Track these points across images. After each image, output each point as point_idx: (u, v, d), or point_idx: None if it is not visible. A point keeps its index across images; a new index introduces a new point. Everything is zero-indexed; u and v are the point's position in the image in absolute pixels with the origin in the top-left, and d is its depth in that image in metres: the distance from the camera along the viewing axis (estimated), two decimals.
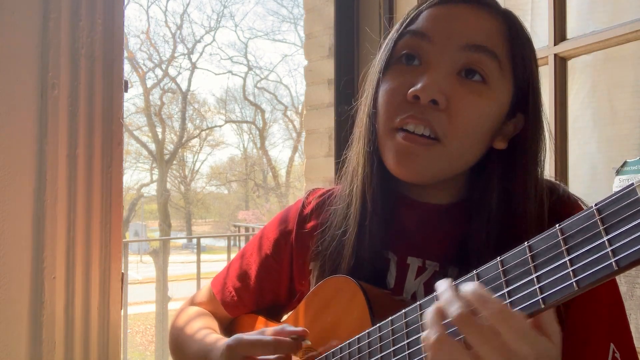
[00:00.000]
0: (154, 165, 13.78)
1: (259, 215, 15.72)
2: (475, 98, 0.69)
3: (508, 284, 0.50)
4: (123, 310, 1.01)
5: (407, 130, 0.69)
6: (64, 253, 0.81)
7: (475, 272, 0.54)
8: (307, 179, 2.07)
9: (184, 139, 14.35)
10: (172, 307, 6.96)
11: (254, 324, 0.91)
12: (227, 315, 0.95)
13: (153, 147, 13.59)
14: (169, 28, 13.92)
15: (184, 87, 14.20)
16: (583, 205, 0.75)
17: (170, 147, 14.02)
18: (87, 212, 0.84)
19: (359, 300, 0.70)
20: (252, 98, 15.30)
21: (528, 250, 0.49)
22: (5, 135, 0.75)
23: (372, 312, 0.68)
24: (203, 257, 3.90)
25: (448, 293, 0.52)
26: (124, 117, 0.92)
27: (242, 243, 5.38)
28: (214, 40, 18.18)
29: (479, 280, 0.53)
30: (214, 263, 6.74)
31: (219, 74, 19.18)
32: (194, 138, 14.85)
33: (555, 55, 1.38)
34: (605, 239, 0.42)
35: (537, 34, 1.43)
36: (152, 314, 9.08)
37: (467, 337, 0.49)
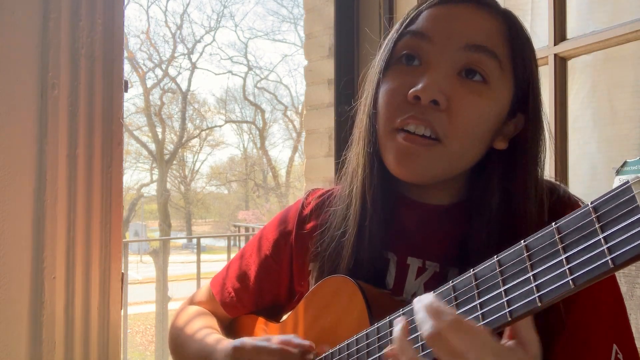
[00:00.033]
0: (154, 165, 13.78)
1: (259, 215, 15.72)
2: (476, 98, 0.69)
3: (505, 283, 0.50)
4: (123, 310, 1.01)
5: (407, 131, 0.69)
6: (64, 253, 0.81)
7: (473, 271, 0.54)
8: (307, 179, 2.07)
9: (184, 139, 14.35)
10: (172, 307, 6.96)
11: (254, 325, 0.91)
12: (226, 316, 0.95)
13: (153, 147, 13.60)
14: (169, 28, 13.94)
15: (184, 87, 14.23)
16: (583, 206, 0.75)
17: (170, 147, 14.04)
18: (87, 212, 0.84)
19: (358, 301, 0.70)
20: (252, 98, 15.32)
21: (525, 249, 0.49)
22: (5, 135, 0.76)
23: (370, 312, 0.68)
24: (203, 257, 3.90)
25: (421, 313, 0.54)
26: (124, 117, 0.92)
27: (242, 243, 5.38)
28: (214, 40, 18.21)
29: (476, 280, 0.53)
30: (214, 263, 6.74)
31: (219, 74, 19.21)
32: (194, 138, 14.86)
33: (555, 55, 1.38)
34: (601, 237, 0.42)
35: (537, 34, 1.43)
36: (152, 314, 9.08)
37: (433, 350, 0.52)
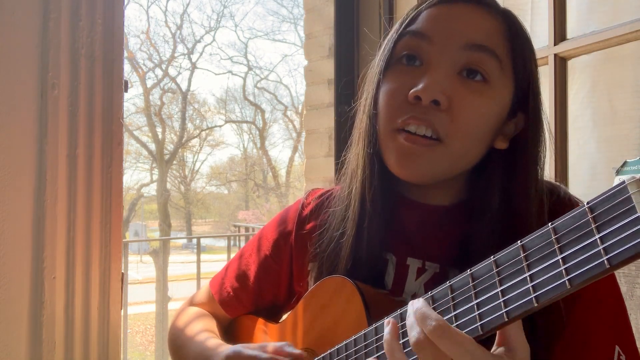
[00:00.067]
0: (154, 165, 13.78)
1: (259, 215, 15.72)
2: (477, 98, 0.69)
3: (502, 283, 0.50)
4: (123, 310, 1.01)
5: (408, 131, 0.69)
6: (64, 253, 0.81)
7: (470, 271, 0.54)
8: (307, 179, 2.07)
9: (184, 139, 14.35)
10: (172, 307, 6.96)
11: (254, 326, 0.91)
12: (226, 316, 0.95)
13: (153, 147, 13.60)
14: (169, 28, 13.94)
15: (184, 87, 14.23)
16: None
17: (170, 147, 14.03)
18: (87, 212, 0.84)
19: (356, 301, 0.70)
20: (252, 98, 15.32)
21: (521, 249, 0.49)
22: (5, 135, 0.76)
23: (368, 312, 0.68)
24: (203, 257, 3.90)
25: (411, 317, 0.55)
26: (124, 117, 0.92)
27: (242, 243, 5.38)
28: (214, 40, 18.23)
29: (473, 281, 0.53)
30: (214, 263, 6.74)
31: (219, 74, 19.22)
32: (194, 138, 14.86)
33: (555, 55, 1.38)
34: (597, 237, 0.42)
35: (537, 34, 1.43)
36: (152, 314, 9.08)
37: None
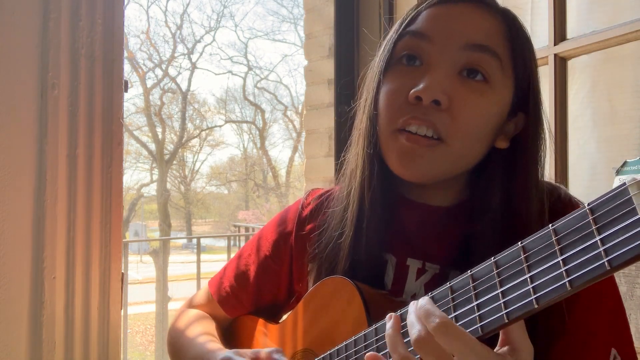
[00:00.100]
0: (154, 165, 13.78)
1: (259, 215, 15.71)
2: (478, 97, 0.69)
3: (502, 284, 0.50)
4: (123, 310, 1.01)
5: (409, 132, 0.69)
6: (64, 253, 0.81)
7: (470, 272, 0.54)
8: (307, 179, 2.07)
9: (184, 139, 14.35)
10: (172, 307, 6.97)
11: (254, 326, 0.91)
12: (225, 316, 0.95)
13: (153, 147, 13.60)
14: (169, 28, 13.94)
15: (184, 87, 14.23)
16: None
17: (170, 147, 14.03)
18: (87, 212, 0.84)
19: (356, 301, 0.70)
20: (252, 98, 15.32)
21: (522, 251, 0.49)
22: (5, 135, 0.75)
23: (368, 313, 0.68)
24: (203, 257, 3.90)
25: (412, 315, 0.55)
26: (124, 117, 0.92)
27: (242, 243, 5.38)
28: (214, 40, 18.21)
29: (473, 281, 0.53)
30: (214, 263, 6.74)
31: (219, 74, 19.21)
32: (194, 138, 14.86)
33: (555, 55, 1.38)
34: (598, 239, 0.42)
35: (537, 34, 1.43)
36: (152, 314, 9.08)
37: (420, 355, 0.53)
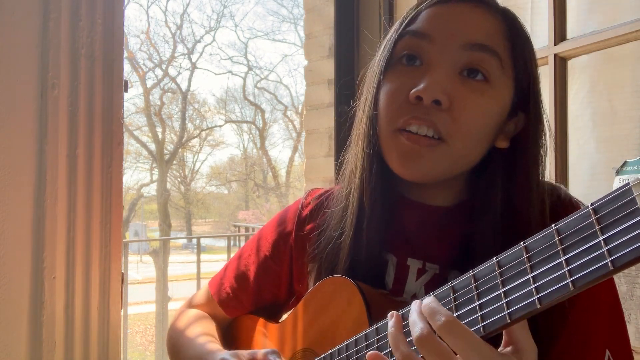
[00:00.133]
0: (154, 165, 13.78)
1: (259, 215, 15.71)
2: (478, 97, 0.69)
3: (504, 284, 0.50)
4: (123, 310, 1.01)
5: (410, 131, 0.69)
6: (64, 253, 0.81)
7: (472, 272, 0.54)
8: (307, 179, 2.07)
9: (184, 139, 14.35)
10: (172, 307, 6.97)
11: (253, 326, 0.91)
12: (225, 316, 0.95)
13: (153, 147, 13.59)
14: (169, 28, 13.93)
15: (184, 87, 14.22)
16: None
17: (170, 147, 14.03)
18: (87, 212, 0.84)
19: (357, 301, 0.70)
20: (252, 98, 15.32)
21: (524, 251, 0.49)
22: (5, 135, 0.75)
23: (369, 312, 0.68)
24: (203, 257, 3.90)
25: (414, 314, 0.55)
26: (124, 117, 0.92)
27: (242, 243, 5.38)
28: (214, 40, 18.22)
29: (475, 281, 0.53)
30: (214, 263, 6.74)
31: (219, 74, 19.21)
32: (194, 138, 14.86)
33: (555, 55, 1.38)
34: (601, 239, 0.42)
35: (537, 34, 1.43)
36: (152, 314, 9.08)
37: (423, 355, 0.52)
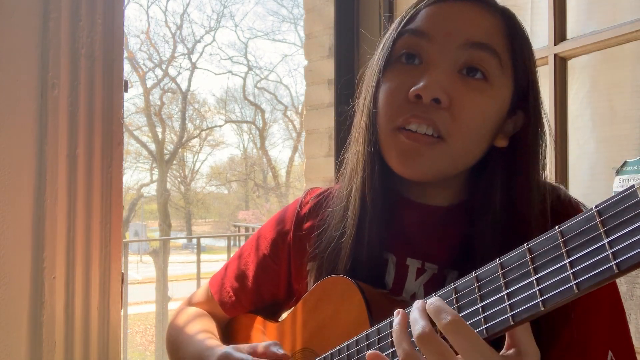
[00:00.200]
0: (154, 165, 13.78)
1: (259, 215, 15.71)
2: (478, 96, 0.69)
3: (507, 286, 0.50)
4: (123, 310, 1.01)
5: (409, 130, 0.69)
6: (64, 253, 0.81)
7: (475, 273, 0.54)
8: (307, 179, 2.07)
9: (184, 139, 14.35)
10: (172, 307, 6.96)
11: (252, 325, 0.91)
12: (224, 315, 0.95)
13: (153, 147, 13.59)
14: (169, 28, 13.94)
15: (184, 87, 14.23)
16: (584, 209, 0.75)
17: (170, 147, 14.03)
18: (87, 212, 0.84)
19: (357, 301, 0.70)
20: (252, 98, 15.32)
21: (528, 253, 0.49)
22: (5, 135, 0.75)
23: (370, 312, 0.68)
24: (203, 257, 3.90)
25: (415, 312, 0.55)
26: (124, 117, 0.92)
27: (242, 243, 5.36)
28: (214, 40, 18.22)
29: (478, 282, 0.53)
30: (214, 263, 6.74)
31: (219, 74, 19.21)
32: (194, 138, 14.86)
33: (555, 55, 1.37)
34: (606, 242, 0.42)
35: (537, 34, 1.43)
36: (152, 314, 9.08)
37: (424, 353, 0.52)
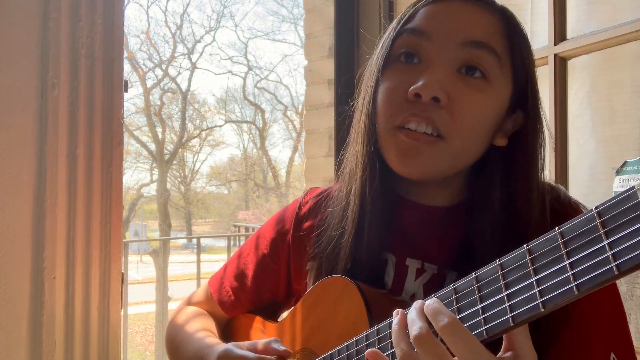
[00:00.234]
0: (154, 165, 13.78)
1: (259, 215, 15.71)
2: (477, 94, 0.69)
3: (508, 287, 0.50)
4: (123, 310, 1.01)
5: (409, 129, 0.69)
6: (64, 253, 0.81)
7: (474, 274, 0.54)
8: (307, 179, 2.07)
9: (184, 139, 14.35)
10: (172, 307, 6.96)
11: (251, 324, 0.91)
12: (224, 315, 0.95)
13: (153, 147, 13.60)
14: (169, 28, 13.94)
15: (184, 87, 14.23)
16: (583, 209, 0.75)
17: (170, 147, 14.03)
18: (87, 212, 0.84)
19: (357, 301, 0.70)
20: (252, 98, 15.32)
21: (527, 254, 0.49)
22: (5, 135, 0.75)
23: (369, 312, 0.68)
24: (203, 257, 3.90)
25: (412, 313, 0.55)
26: (124, 117, 0.92)
27: (242, 243, 5.36)
28: (214, 40, 18.22)
29: (478, 283, 0.53)
30: (214, 263, 6.73)
31: (219, 74, 19.22)
32: (194, 138, 14.86)
33: (555, 55, 1.37)
34: (606, 243, 0.42)
35: (537, 34, 1.43)
36: (152, 314, 9.08)
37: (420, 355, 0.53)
